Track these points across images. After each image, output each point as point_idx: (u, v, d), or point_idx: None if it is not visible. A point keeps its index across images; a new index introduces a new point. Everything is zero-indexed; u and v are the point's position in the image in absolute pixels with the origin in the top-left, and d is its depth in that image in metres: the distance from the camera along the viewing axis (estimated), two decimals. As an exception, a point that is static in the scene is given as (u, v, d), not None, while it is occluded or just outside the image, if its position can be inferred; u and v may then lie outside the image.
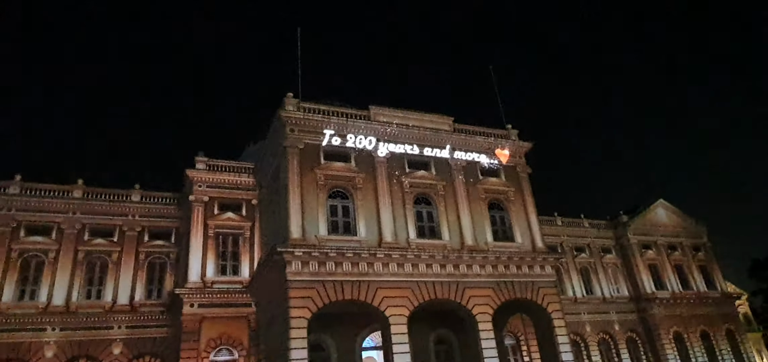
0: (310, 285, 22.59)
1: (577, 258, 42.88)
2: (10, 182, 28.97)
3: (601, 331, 41.09)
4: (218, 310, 27.45)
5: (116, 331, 28.13)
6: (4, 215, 28.16)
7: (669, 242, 46.73)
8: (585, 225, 45.01)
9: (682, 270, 46.05)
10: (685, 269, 46.22)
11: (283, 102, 26.61)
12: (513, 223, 29.25)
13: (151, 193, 32.10)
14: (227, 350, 27.16)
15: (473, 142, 30.44)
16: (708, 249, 48.76)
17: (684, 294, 44.41)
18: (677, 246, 47.01)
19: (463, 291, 25.55)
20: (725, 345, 43.96)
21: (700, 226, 49.42)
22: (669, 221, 47.95)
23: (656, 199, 48.01)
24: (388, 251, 24.47)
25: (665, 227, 47.36)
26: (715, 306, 45.41)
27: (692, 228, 48.92)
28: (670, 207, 48.46)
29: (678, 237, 47.51)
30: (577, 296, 40.94)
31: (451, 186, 28.51)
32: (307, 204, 24.55)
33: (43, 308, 27.26)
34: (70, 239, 29.09)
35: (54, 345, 26.77)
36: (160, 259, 30.85)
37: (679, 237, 47.51)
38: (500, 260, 27.00)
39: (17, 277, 27.55)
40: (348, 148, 26.97)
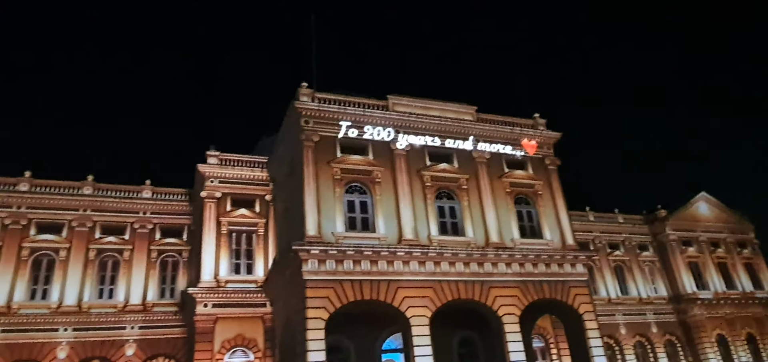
0: (327, 285, 22.79)
1: (611, 256, 42.44)
2: (20, 179, 29.93)
3: (637, 334, 40.65)
4: (232, 310, 27.93)
5: (129, 332, 28.95)
6: (14, 212, 29.15)
7: (711, 238, 45.92)
8: (619, 221, 44.50)
9: (725, 269, 45.22)
10: (729, 267, 45.39)
11: (297, 92, 26.79)
12: (541, 219, 29.09)
13: (162, 189, 32.85)
14: (242, 351, 27.63)
15: (498, 132, 30.28)
16: (755, 246, 47.77)
17: (728, 294, 43.62)
18: (720, 242, 46.16)
19: (488, 291, 25.53)
20: (774, 348, 43.09)
21: (746, 221, 48.42)
22: (711, 215, 47.06)
23: (697, 192, 47.12)
24: (408, 249, 24.54)
25: (707, 222, 46.50)
26: (762, 307, 44.49)
27: (737, 223, 47.96)
28: (713, 201, 47.54)
29: (721, 233, 46.64)
30: (611, 296, 40.58)
31: (474, 179, 28.44)
32: (323, 199, 24.72)
33: (56, 308, 28.17)
34: (82, 237, 29.95)
35: (67, 346, 27.65)
36: (172, 257, 31.56)
37: (722, 233, 46.65)
38: (528, 258, 26.88)
39: (28, 276, 28.50)
40: (365, 140, 27.07)
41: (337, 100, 27.45)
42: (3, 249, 28.35)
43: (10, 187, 29.73)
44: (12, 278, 27.98)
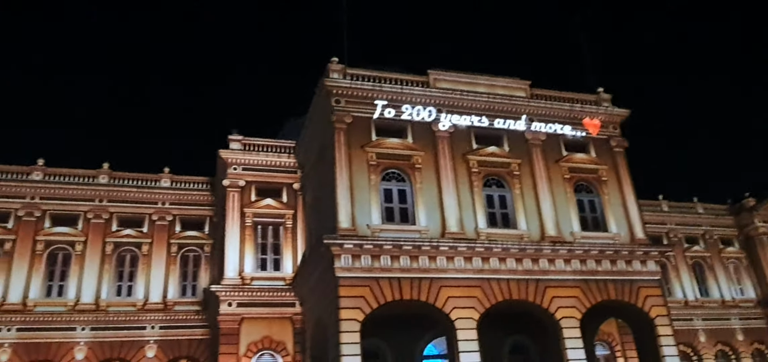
0: (362, 283, 23.05)
1: (689, 252, 41.37)
2: (33, 168, 31.33)
3: (719, 342, 39.59)
4: (259, 310, 28.55)
5: (149, 332, 29.97)
6: (28, 203, 30.56)
7: (811, 231, 44.07)
8: (699, 211, 43.26)
9: (828, 267, 43.38)
10: (832, 265, 43.50)
11: (327, 69, 27.03)
12: (606, 209, 28.61)
13: (182, 178, 33.80)
14: (270, 355, 28.28)
15: (555, 110, 29.86)
16: None
17: (830, 297, 41.90)
18: (822, 236, 44.23)
19: (544, 291, 25.32)
20: None
21: None
22: (811, 205, 45.11)
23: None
24: (453, 243, 24.52)
25: (806, 213, 44.62)
26: None
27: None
28: (813, 188, 45.57)
29: (824, 225, 44.65)
30: (688, 298, 39.63)
31: (528, 164, 28.17)
32: (357, 188, 24.94)
33: (72, 305, 29.45)
34: (98, 229, 31.19)
35: (84, 346, 28.87)
36: (193, 252, 32.51)
37: (825, 226, 44.66)
38: (590, 254, 26.48)
39: (44, 271, 29.91)
40: (404, 120, 27.13)
41: (372, 76, 27.58)
42: (17, 243, 29.77)
43: (23, 177, 31.13)
44: (27, 273, 29.39)
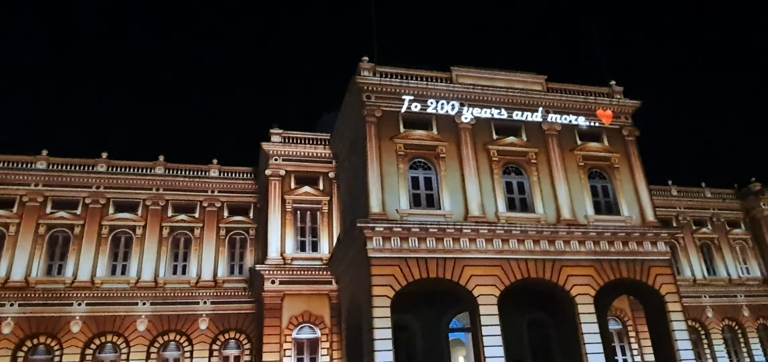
0: (392, 263, 22.87)
1: (697, 234, 40.08)
2: (97, 160, 31.90)
3: (726, 318, 38.30)
4: (299, 287, 28.59)
5: (202, 307, 30.34)
6: (93, 192, 31.11)
7: (816, 214, 42.18)
8: (707, 195, 41.89)
9: (831, 247, 41.51)
10: (835, 246, 41.61)
11: (358, 67, 26.81)
12: (618, 194, 27.77)
13: (228, 168, 33.99)
14: (309, 327, 28.31)
15: (570, 102, 29.04)
16: None
17: (834, 276, 40.09)
18: (827, 218, 42.30)
19: (560, 270, 24.76)
20: None
21: None
22: (816, 188, 43.17)
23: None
24: (475, 226, 24.16)
25: (811, 196, 42.73)
26: None
27: None
28: (817, 172, 43.57)
29: (828, 208, 42.69)
30: (696, 277, 38.45)
31: (544, 153, 27.51)
32: (386, 176, 24.70)
33: (134, 283, 29.97)
34: (155, 215, 31.62)
35: (145, 319, 29.39)
36: (240, 235, 32.70)
37: (829, 208, 42.70)
38: (603, 235, 25.79)
39: (109, 253, 30.43)
40: (429, 114, 26.75)
41: (399, 73, 27.22)
42: (85, 228, 30.36)
43: (89, 168, 31.69)
44: (94, 255, 29.98)
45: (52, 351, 28.08)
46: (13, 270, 28.70)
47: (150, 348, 29.14)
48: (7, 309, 27.84)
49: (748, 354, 37.78)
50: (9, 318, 27.69)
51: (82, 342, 28.24)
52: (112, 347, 29.03)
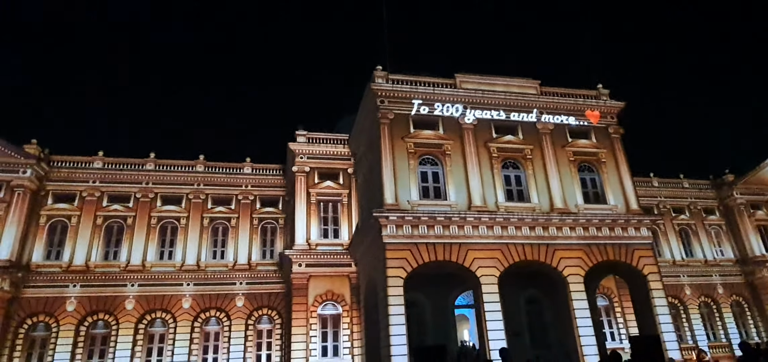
0: (404, 247, 23.14)
1: (676, 220, 39.81)
2: (146, 160, 32.43)
3: (703, 295, 38.09)
4: (323, 270, 28.92)
5: (238, 287, 30.79)
6: (143, 188, 31.67)
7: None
8: (685, 185, 41.49)
9: (798, 231, 41.10)
10: (802, 230, 41.20)
11: (373, 75, 27.00)
12: (605, 185, 27.79)
13: (259, 166, 34.32)
14: (332, 305, 28.69)
15: (561, 104, 29.05)
16: (832, 209, 42.89)
17: (800, 256, 39.69)
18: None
19: (553, 253, 24.90)
20: None
21: (822, 183, 43.51)
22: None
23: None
24: (477, 214, 24.35)
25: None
26: (838, 269, 40.10)
27: (812, 185, 43.20)
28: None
29: (795, 196, 42.23)
30: (675, 259, 38.23)
31: (538, 149, 27.60)
32: (398, 171, 24.94)
33: (179, 267, 30.49)
34: (197, 207, 32.09)
35: (189, 298, 29.96)
36: (270, 224, 33.08)
37: (795, 197, 42.23)
38: (591, 222, 25.84)
39: (157, 240, 30.99)
40: (436, 116, 26.93)
41: (409, 80, 27.40)
42: (136, 219, 30.97)
43: (139, 167, 32.25)
44: (145, 243, 30.55)
45: (110, 326, 28.77)
46: (75, 256, 29.35)
47: (194, 322, 29.69)
48: (71, 290, 28.59)
49: (722, 327, 37.65)
50: (72, 298, 28.44)
51: (135, 318, 28.89)
52: (161, 322, 29.65)
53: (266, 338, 30.52)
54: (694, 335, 36.35)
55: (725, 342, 36.84)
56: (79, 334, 28.16)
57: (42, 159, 30.06)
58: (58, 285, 28.53)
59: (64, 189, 30.73)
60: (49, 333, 27.93)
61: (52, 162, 31.01)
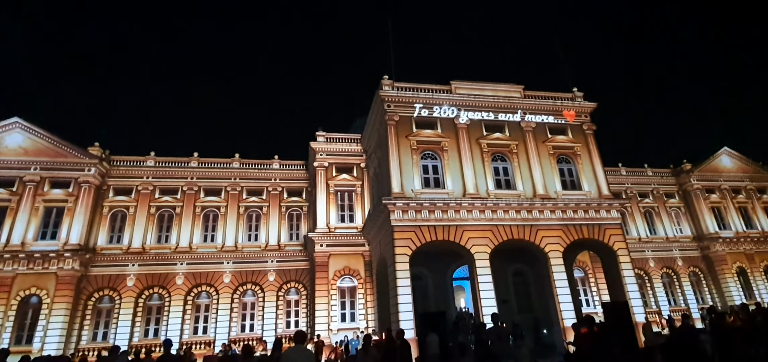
0: (409, 229, 23.09)
1: (641, 203, 39.33)
2: (190, 159, 32.46)
3: (665, 267, 37.69)
4: (340, 249, 28.95)
5: (270, 264, 30.84)
6: (189, 182, 31.74)
7: (733, 186, 41.06)
8: (648, 174, 40.93)
9: (746, 212, 40.41)
10: (749, 210, 40.51)
11: (381, 84, 26.80)
12: (580, 174, 27.44)
13: (286, 162, 34.26)
14: (349, 278, 28.74)
15: (542, 105, 28.66)
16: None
17: (748, 233, 39.08)
18: (741, 189, 41.16)
19: (536, 233, 24.71)
20: (790, 278, 38.32)
21: (766, 170, 42.80)
22: (733, 167, 42.00)
23: (721, 147, 42.20)
24: (471, 200, 24.20)
25: (729, 172, 41.60)
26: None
27: (758, 172, 42.48)
28: (735, 154, 42.33)
29: (742, 181, 41.51)
30: (641, 236, 37.82)
31: (523, 144, 27.28)
32: (403, 164, 24.83)
33: (220, 248, 30.62)
34: (234, 198, 32.16)
35: (229, 274, 30.09)
36: (296, 211, 33.08)
37: (743, 182, 41.51)
38: (569, 206, 25.57)
39: (201, 226, 31.13)
40: (434, 117, 26.70)
41: (411, 87, 27.17)
42: (184, 208, 31.11)
43: (185, 164, 32.40)
44: (191, 228, 30.72)
45: (163, 298, 29.04)
46: (133, 240, 29.59)
47: (233, 295, 29.86)
48: (130, 268, 28.87)
49: (682, 294, 37.26)
50: (132, 275, 28.73)
51: (184, 291, 29.12)
52: (206, 294, 29.84)
53: (294, 307, 30.60)
54: (657, 301, 36.04)
55: (684, 306, 36.46)
56: (138, 305, 28.46)
57: (103, 159, 30.24)
58: (120, 264, 28.80)
59: (122, 184, 30.93)
60: (112, 304, 28.24)
61: (112, 161, 31.20)
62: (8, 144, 28.95)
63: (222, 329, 28.74)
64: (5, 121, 29.07)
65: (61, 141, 29.45)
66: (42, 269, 26.59)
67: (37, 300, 26.34)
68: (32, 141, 29.21)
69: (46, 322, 25.67)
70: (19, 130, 29.21)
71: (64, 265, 26.81)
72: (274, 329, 29.25)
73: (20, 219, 27.53)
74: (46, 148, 29.26)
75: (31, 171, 28.70)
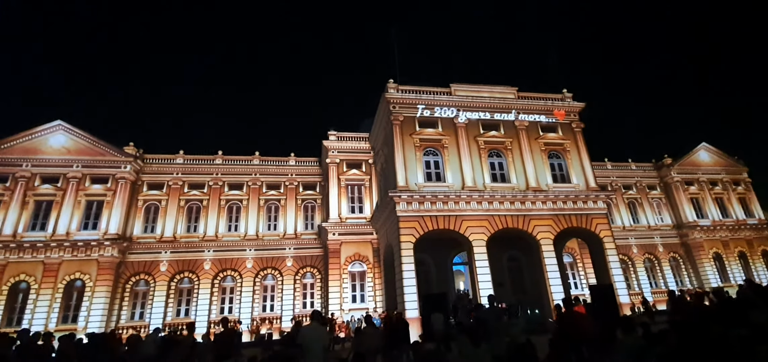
0: (413, 219, 23.11)
1: (625, 194, 39.03)
2: (215, 156, 32.72)
3: (647, 253, 37.45)
4: (351, 237, 29.05)
5: (287, 251, 30.99)
6: (214, 177, 31.97)
7: (710, 178, 40.61)
8: (632, 167, 40.56)
9: (722, 202, 40.00)
10: (724, 201, 40.08)
11: (386, 87, 26.71)
12: (569, 168, 27.25)
13: (301, 159, 34.32)
14: (359, 263, 28.85)
15: (534, 105, 28.42)
16: (747, 184, 41.68)
17: (723, 222, 38.70)
18: (718, 181, 40.71)
19: (528, 222, 24.63)
20: (761, 263, 37.94)
21: (741, 164, 42.24)
22: (711, 161, 41.53)
23: (699, 142, 41.71)
24: (469, 193, 24.15)
25: (707, 166, 41.13)
26: (752, 231, 39.10)
27: (733, 166, 41.97)
28: (712, 149, 41.83)
29: (719, 174, 41.05)
30: (625, 225, 37.58)
31: (516, 141, 27.11)
32: (408, 160, 24.79)
33: (243, 237, 30.83)
34: (255, 191, 32.32)
35: (251, 260, 30.33)
36: (310, 203, 33.17)
37: (719, 175, 41.05)
38: (559, 197, 25.43)
39: (226, 216, 31.35)
40: (436, 117, 26.58)
41: (414, 89, 27.04)
42: (210, 201, 31.32)
43: (210, 161, 32.62)
44: (216, 219, 30.94)
45: (193, 282, 29.35)
46: (165, 230, 29.90)
47: (255, 278, 30.08)
48: (163, 255, 29.20)
49: (662, 277, 37.03)
50: (164, 261, 29.06)
51: (211, 275, 29.40)
52: (231, 278, 30.07)
53: (310, 289, 30.75)
54: (640, 284, 35.83)
55: (664, 288, 36.23)
56: (170, 288, 28.81)
57: (137, 157, 30.51)
58: (153, 251, 29.13)
59: (155, 180, 31.21)
60: (148, 287, 28.63)
61: (145, 159, 31.46)
62: (52, 144, 29.32)
63: (245, 309, 29.01)
64: (49, 123, 29.43)
65: (99, 141, 29.76)
66: (85, 256, 27.00)
67: (81, 284, 26.77)
68: (74, 141, 29.55)
69: (89, 303, 26.11)
70: (62, 132, 29.55)
71: (104, 252, 27.19)
72: (292, 309, 29.49)
73: (65, 211, 27.93)
74: (87, 148, 29.59)
75: (74, 168, 29.06)
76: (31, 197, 27.92)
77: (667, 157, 40.64)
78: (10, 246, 26.22)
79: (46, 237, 26.89)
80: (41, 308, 25.41)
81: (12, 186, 27.82)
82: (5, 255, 26.09)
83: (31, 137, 29.05)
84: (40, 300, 25.56)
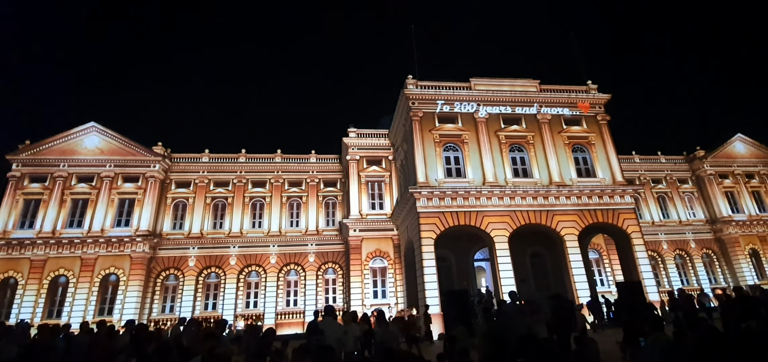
0: (434, 215, 23.00)
1: (654, 189, 37.54)
2: (238, 155, 33.24)
3: (678, 249, 35.93)
4: (372, 233, 29.06)
5: (309, 247, 31.33)
6: (238, 175, 32.62)
7: (746, 171, 38.52)
8: (662, 161, 38.93)
9: (759, 196, 37.89)
10: (762, 194, 37.93)
11: (406, 83, 26.57)
12: (594, 162, 26.47)
13: (322, 156, 34.52)
14: (380, 259, 28.88)
15: (557, 98, 27.72)
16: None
17: (761, 216, 36.66)
18: (755, 174, 38.58)
19: (552, 218, 24.10)
20: (804, 260, 35.79)
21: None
22: (747, 152, 39.37)
23: (734, 133, 39.65)
24: (490, 188, 23.84)
25: (742, 158, 39.03)
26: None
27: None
28: (749, 140, 39.65)
29: (756, 166, 38.88)
30: (654, 220, 36.14)
31: (539, 135, 26.52)
32: (427, 156, 24.67)
33: (266, 233, 31.38)
34: (277, 189, 32.82)
35: (275, 255, 30.84)
36: (331, 200, 33.44)
37: (756, 167, 38.86)
38: (583, 192, 24.73)
39: (250, 214, 31.97)
40: (455, 112, 26.30)
41: (433, 85, 26.82)
42: (234, 198, 32.04)
43: (234, 160, 33.24)
44: (241, 216, 31.64)
45: (219, 277, 30.13)
46: (192, 227, 30.75)
47: (279, 273, 30.60)
48: (191, 251, 30.10)
49: (694, 274, 35.54)
50: (192, 256, 29.95)
51: (237, 271, 30.11)
52: (256, 273, 30.68)
53: (332, 285, 31.07)
54: (670, 281, 34.51)
55: (697, 286, 34.77)
56: (198, 283, 29.69)
57: (166, 156, 31.51)
58: (182, 247, 30.07)
59: (182, 178, 32.13)
60: (177, 282, 29.61)
61: (173, 158, 32.43)
62: (87, 145, 30.66)
63: (270, 304, 29.61)
64: (83, 125, 30.77)
65: (130, 142, 30.91)
66: (118, 251, 28.17)
67: (116, 278, 27.97)
68: (107, 142, 30.80)
69: (123, 296, 27.27)
70: (96, 133, 30.85)
71: (136, 248, 28.29)
72: (315, 303, 29.89)
73: (99, 209, 29.20)
74: (118, 148, 30.80)
75: (107, 168, 30.31)
76: (68, 196, 29.33)
77: (700, 149, 38.85)
78: (50, 242, 27.66)
79: (83, 234, 28.21)
80: (79, 301, 26.71)
81: (51, 186, 29.30)
82: (46, 251, 27.55)
83: (67, 139, 30.47)
84: (78, 293, 26.88)
